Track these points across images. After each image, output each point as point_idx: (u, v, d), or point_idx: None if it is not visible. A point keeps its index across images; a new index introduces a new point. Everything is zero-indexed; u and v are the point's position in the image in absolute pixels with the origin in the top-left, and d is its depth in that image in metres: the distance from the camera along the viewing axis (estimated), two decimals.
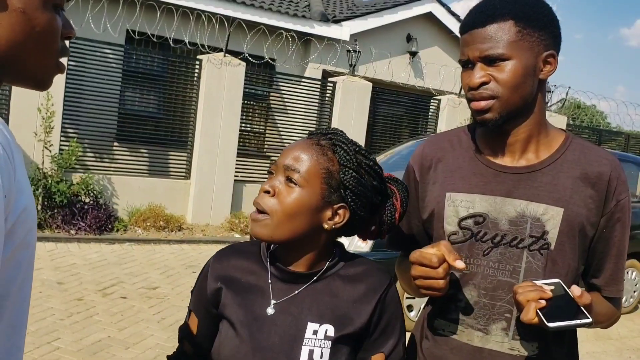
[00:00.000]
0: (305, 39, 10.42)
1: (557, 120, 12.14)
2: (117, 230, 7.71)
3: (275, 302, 1.24)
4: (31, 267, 0.92)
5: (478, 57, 1.30)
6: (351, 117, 9.97)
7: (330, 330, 1.22)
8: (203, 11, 9.30)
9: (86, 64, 8.06)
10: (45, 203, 7.32)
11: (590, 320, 1.15)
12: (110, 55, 8.41)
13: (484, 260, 1.35)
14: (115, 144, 8.64)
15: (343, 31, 11.04)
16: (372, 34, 11.49)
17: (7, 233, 0.80)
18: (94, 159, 8.34)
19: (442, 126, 11.02)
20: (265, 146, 10.29)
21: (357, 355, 1.27)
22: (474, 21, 1.32)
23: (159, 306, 5.19)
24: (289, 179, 1.20)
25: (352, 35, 11.00)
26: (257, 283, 1.27)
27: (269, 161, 9.76)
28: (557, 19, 1.34)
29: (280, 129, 10.01)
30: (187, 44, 8.72)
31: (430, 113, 11.40)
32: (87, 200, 7.73)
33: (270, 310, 1.24)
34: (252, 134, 10.37)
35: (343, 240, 4.92)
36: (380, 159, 7.01)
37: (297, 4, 11.36)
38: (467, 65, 1.34)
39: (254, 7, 10.26)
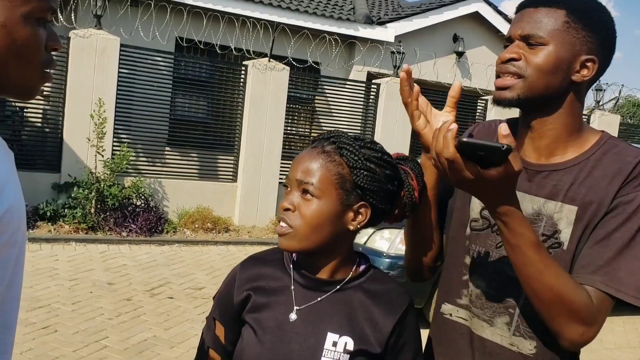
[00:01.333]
0: (349, 42, 10.46)
1: (610, 119, 11.79)
2: (167, 232, 7.93)
3: (297, 308, 1.25)
4: (20, 266, 0.94)
5: (519, 35, 1.27)
6: (395, 119, 9.95)
7: (350, 344, 1.22)
8: (248, 17, 9.46)
9: (137, 71, 8.32)
10: (98, 206, 7.60)
11: (504, 146, 1.01)
12: (161, 63, 8.65)
13: (496, 253, 1.34)
14: (167, 148, 8.88)
15: (388, 33, 11.02)
16: (417, 34, 11.43)
17: None
18: (146, 163, 8.59)
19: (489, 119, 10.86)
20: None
21: None
22: (528, 2, 1.30)
23: (204, 306, 5.31)
24: (304, 192, 1.21)
25: (396, 37, 10.97)
26: (281, 289, 1.27)
27: None
28: (614, 32, 1.29)
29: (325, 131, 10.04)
30: (233, 50, 8.88)
31: (477, 113, 11.26)
32: (139, 203, 7.98)
33: (293, 316, 1.24)
34: (297, 137, 10.47)
35: (384, 244, 4.94)
36: None
37: (342, 7, 11.41)
38: (508, 42, 1.31)
39: (299, 12, 10.37)
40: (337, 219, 1.22)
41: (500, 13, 12.30)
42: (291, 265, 1.30)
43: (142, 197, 8.03)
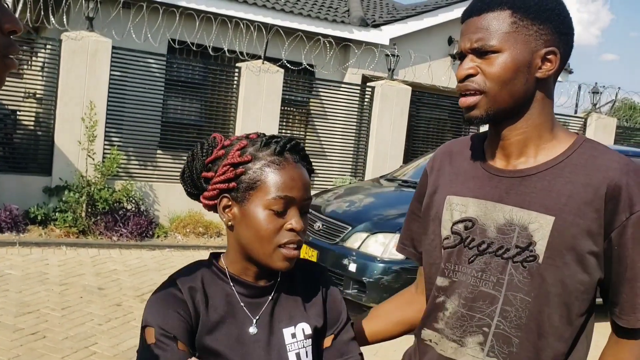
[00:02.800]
0: (343, 44, 10.42)
1: (607, 122, 11.78)
2: (158, 237, 7.85)
3: (256, 319, 1.22)
4: None
5: (469, 48, 1.22)
6: (390, 121, 9.91)
7: (307, 328, 1.25)
8: (241, 19, 9.40)
9: (129, 74, 8.25)
10: (89, 210, 7.51)
11: None
12: (153, 65, 8.58)
13: (468, 269, 1.26)
14: (159, 151, 8.81)
15: (383, 35, 10.98)
16: (412, 37, 11.39)
17: None
18: (137, 166, 8.52)
19: (484, 129, 10.83)
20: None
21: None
22: (471, 9, 1.24)
23: None
24: (304, 212, 1.24)
25: (391, 39, 10.93)
26: (229, 305, 1.22)
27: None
28: (567, 15, 1.22)
29: (320, 134, 10.02)
30: (227, 52, 8.82)
31: None
32: (129, 207, 7.90)
33: (252, 330, 1.21)
34: None
35: (378, 248, 4.88)
36: (421, 162, 6.94)
37: (337, 9, 11.37)
38: (461, 57, 1.25)
39: (293, 14, 10.32)
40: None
41: None
42: (229, 279, 1.24)
43: (133, 201, 7.95)
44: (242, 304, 1.23)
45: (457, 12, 11.79)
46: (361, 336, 1.45)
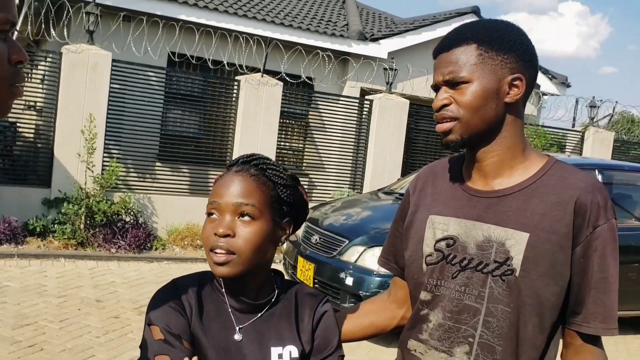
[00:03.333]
0: (342, 58, 10.49)
1: (604, 136, 11.82)
2: (156, 249, 7.86)
3: (240, 326, 1.28)
4: None
5: (441, 81, 1.33)
6: (388, 134, 9.96)
7: (294, 351, 1.29)
8: (241, 32, 9.46)
9: (128, 86, 8.30)
10: (88, 222, 7.54)
11: None
12: (152, 78, 8.64)
13: (451, 284, 1.36)
14: (158, 163, 8.84)
15: (381, 49, 11.07)
16: (410, 51, 11.47)
17: None
18: (136, 178, 8.55)
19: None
20: (304, 164, 10.35)
21: None
22: (441, 46, 1.36)
23: None
24: (242, 215, 1.24)
25: (389, 53, 11.01)
26: (218, 312, 1.29)
27: (307, 179, 9.81)
28: (529, 43, 1.34)
29: (319, 147, 10.06)
30: (226, 65, 8.88)
31: None
32: (128, 219, 7.92)
33: (237, 336, 1.27)
34: (290, 152, 10.45)
35: (374, 262, 4.89)
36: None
37: (336, 23, 11.46)
38: (436, 90, 1.37)
39: (292, 28, 10.40)
40: (272, 237, 1.29)
41: None
42: (223, 290, 1.31)
43: (131, 213, 7.98)
44: (230, 311, 1.30)
45: (454, 26, 11.79)
46: None
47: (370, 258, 4.98)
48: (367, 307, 1.63)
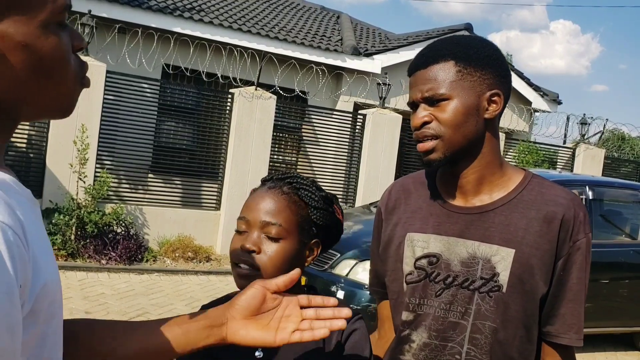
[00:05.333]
0: (336, 72, 10.54)
1: (595, 153, 11.90)
2: (147, 261, 7.82)
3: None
4: (59, 335, 0.82)
5: (420, 98, 1.31)
6: (381, 149, 9.99)
7: None
8: (235, 46, 9.51)
9: (122, 98, 8.31)
10: (79, 233, 7.50)
11: None
12: (147, 89, 8.65)
13: (435, 302, 1.34)
14: (150, 175, 8.83)
15: (375, 64, 11.13)
16: (404, 66, 11.49)
17: (27, 315, 0.71)
18: (128, 189, 8.52)
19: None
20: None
21: None
22: (417, 63, 1.33)
23: None
24: (268, 233, 1.22)
25: (383, 68, 11.08)
26: None
27: None
28: (503, 59, 1.34)
29: (312, 161, 10.08)
30: (220, 78, 8.91)
31: None
32: (119, 230, 7.89)
33: (258, 353, 1.24)
34: (283, 165, 10.46)
35: (366, 276, 4.89)
36: None
37: (330, 38, 11.53)
38: (414, 107, 1.34)
39: (287, 42, 10.45)
40: (297, 258, 1.26)
41: None
42: None
43: (123, 225, 7.94)
44: None
45: None
46: None
47: (361, 272, 4.97)
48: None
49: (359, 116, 10.15)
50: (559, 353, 1.34)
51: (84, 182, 7.54)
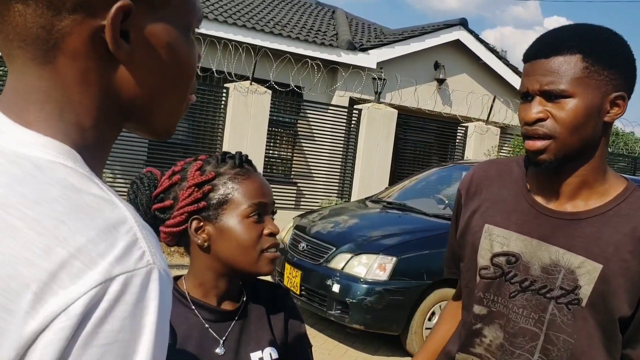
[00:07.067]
0: (331, 67, 10.53)
1: None
2: None
3: (223, 339, 1.21)
4: None
5: (538, 90, 1.18)
6: (376, 144, 10.00)
7: (274, 353, 1.24)
8: (230, 40, 9.49)
9: None
10: None
11: None
12: None
13: (509, 303, 1.27)
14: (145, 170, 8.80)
15: (370, 59, 11.13)
16: (399, 61, 11.55)
17: None
18: (124, 184, 8.51)
19: (469, 153, 10.97)
20: (293, 172, 10.36)
21: None
22: (537, 51, 1.21)
23: None
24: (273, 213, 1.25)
25: (378, 63, 11.08)
26: (192, 328, 1.20)
27: (295, 187, 9.82)
28: (633, 57, 1.20)
29: (307, 155, 10.08)
30: (215, 72, 8.89)
31: (457, 140, 11.36)
32: None
33: (219, 350, 1.20)
34: (279, 161, 10.46)
35: (361, 269, 4.91)
36: (406, 184, 6.99)
37: (325, 33, 11.52)
38: (526, 97, 1.22)
39: (282, 37, 10.43)
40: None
41: (481, 41, 12.50)
42: (191, 305, 1.23)
43: None
44: (207, 325, 1.21)
45: (443, 37, 12.00)
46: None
47: (357, 265, 4.98)
48: (443, 329, 1.53)
49: (354, 111, 10.15)
50: None
51: None
